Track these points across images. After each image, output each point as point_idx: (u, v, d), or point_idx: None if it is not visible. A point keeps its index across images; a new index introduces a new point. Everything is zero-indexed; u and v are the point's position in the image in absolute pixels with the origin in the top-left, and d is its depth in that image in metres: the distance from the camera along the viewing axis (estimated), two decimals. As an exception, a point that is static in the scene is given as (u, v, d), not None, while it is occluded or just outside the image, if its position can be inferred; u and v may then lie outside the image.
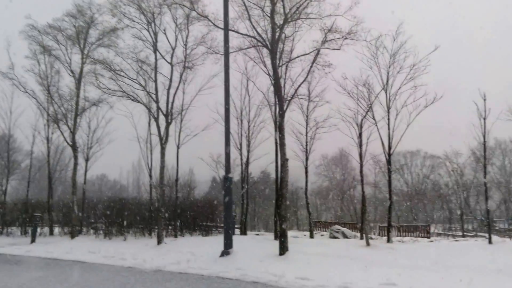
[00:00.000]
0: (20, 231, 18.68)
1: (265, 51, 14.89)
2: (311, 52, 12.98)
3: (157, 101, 14.58)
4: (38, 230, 16.67)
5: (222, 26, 11.68)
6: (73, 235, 16.45)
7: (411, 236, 23.45)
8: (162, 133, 14.50)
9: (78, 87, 16.96)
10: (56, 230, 18.47)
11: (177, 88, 15.00)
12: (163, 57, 14.72)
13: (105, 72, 15.39)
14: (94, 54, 16.65)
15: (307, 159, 19.79)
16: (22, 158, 45.89)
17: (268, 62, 14.50)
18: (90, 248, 13.27)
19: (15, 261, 11.76)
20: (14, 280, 8.92)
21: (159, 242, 13.66)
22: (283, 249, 10.61)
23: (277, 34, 11.88)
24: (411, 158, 50.17)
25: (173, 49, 14.71)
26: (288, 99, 14.06)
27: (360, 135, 16.59)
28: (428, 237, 22.88)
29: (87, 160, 18.90)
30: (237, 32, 12.79)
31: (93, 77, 15.80)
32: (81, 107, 17.33)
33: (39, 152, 22.36)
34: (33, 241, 15.64)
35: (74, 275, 9.43)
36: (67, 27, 16.71)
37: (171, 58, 14.71)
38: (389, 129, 15.82)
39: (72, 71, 17.11)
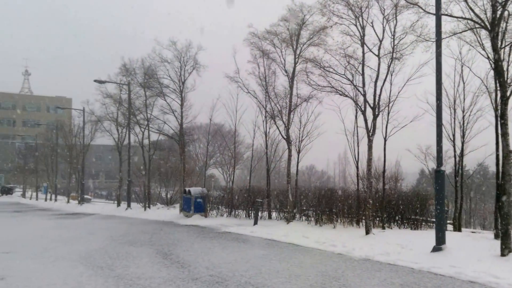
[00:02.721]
0: (245, 214, 21.17)
1: (483, 33, 13.56)
2: (542, 28, 11.34)
3: (364, 94, 14.77)
4: (259, 214, 18.57)
5: (433, 11, 11.12)
6: (288, 220, 17.94)
7: None
8: (369, 125, 14.63)
9: (291, 85, 18.38)
10: (274, 215, 20.41)
11: (384, 80, 14.88)
12: (370, 50, 14.80)
13: (315, 69, 16.38)
14: (305, 53, 17.76)
15: (536, 149, 17.38)
16: (244, 150, 52.23)
17: (487, 44, 13.17)
18: (303, 233, 14.29)
19: (242, 240, 13.47)
20: (241, 255, 10.42)
21: (367, 232, 13.89)
22: (505, 250, 9.65)
23: (499, 12, 10.71)
24: None
25: (381, 41, 14.60)
26: (512, 84, 12.56)
27: None
28: None
29: (298, 152, 20.19)
30: (450, 15, 11.96)
31: (304, 75, 16.99)
32: (294, 104, 18.69)
33: (258, 144, 24.79)
34: (255, 223, 17.63)
35: (290, 256, 10.42)
36: (281, 31, 18.23)
37: (378, 50, 14.66)
38: None
39: (286, 71, 18.65)
